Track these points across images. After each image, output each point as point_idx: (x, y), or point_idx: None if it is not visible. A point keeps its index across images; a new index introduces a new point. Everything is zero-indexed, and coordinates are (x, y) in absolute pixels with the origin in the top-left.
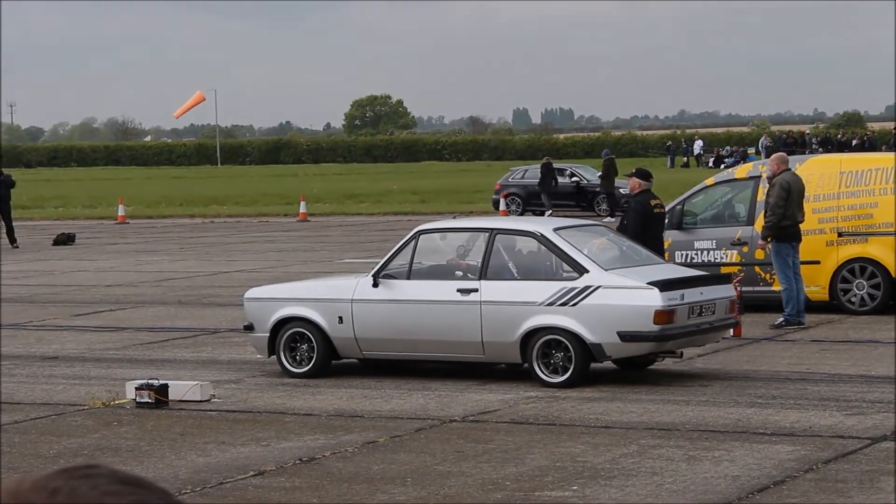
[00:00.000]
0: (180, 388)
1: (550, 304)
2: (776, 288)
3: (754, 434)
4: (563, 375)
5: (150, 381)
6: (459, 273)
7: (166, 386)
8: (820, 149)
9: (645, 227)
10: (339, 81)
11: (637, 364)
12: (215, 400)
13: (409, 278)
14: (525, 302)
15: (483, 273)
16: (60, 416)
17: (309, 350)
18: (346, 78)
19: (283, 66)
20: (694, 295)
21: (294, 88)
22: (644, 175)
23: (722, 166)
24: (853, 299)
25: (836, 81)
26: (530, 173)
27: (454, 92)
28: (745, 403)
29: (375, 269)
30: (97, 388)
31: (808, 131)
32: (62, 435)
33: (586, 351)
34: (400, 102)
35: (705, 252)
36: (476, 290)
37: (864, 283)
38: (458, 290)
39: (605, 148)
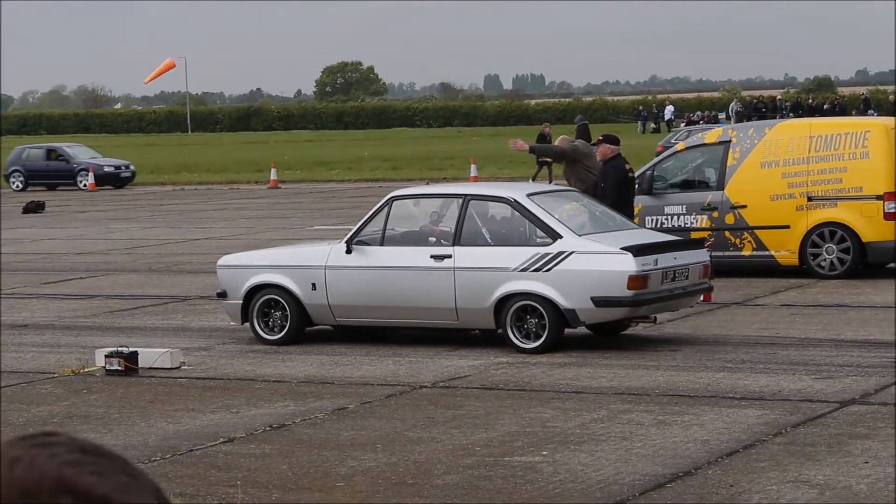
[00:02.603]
0: (150, 356)
1: (524, 270)
2: (745, 253)
3: (724, 398)
4: (536, 341)
5: (119, 349)
6: (433, 239)
7: (136, 353)
8: (791, 114)
9: (620, 191)
10: (310, 48)
11: (611, 329)
12: (185, 367)
13: (382, 245)
14: (499, 268)
15: (457, 239)
16: (30, 384)
17: (282, 317)
18: (317, 44)
19: (254, 32)
20: (667, 260)
21: (265, 55)
22: (614, 140)
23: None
24: (823, 263)
25: (806, 46)
26: None
27: (425, 58)
28: (714, 368)
29: (349, 235)
30: (67, 356)
31: (779, 96)
32: (31, 403)
33: (560, 316)
34: (371, 69)
35: (675, 217)
36: (450, 256)
37: (834, 247)
38: (432, 257)
39: (578, 114)
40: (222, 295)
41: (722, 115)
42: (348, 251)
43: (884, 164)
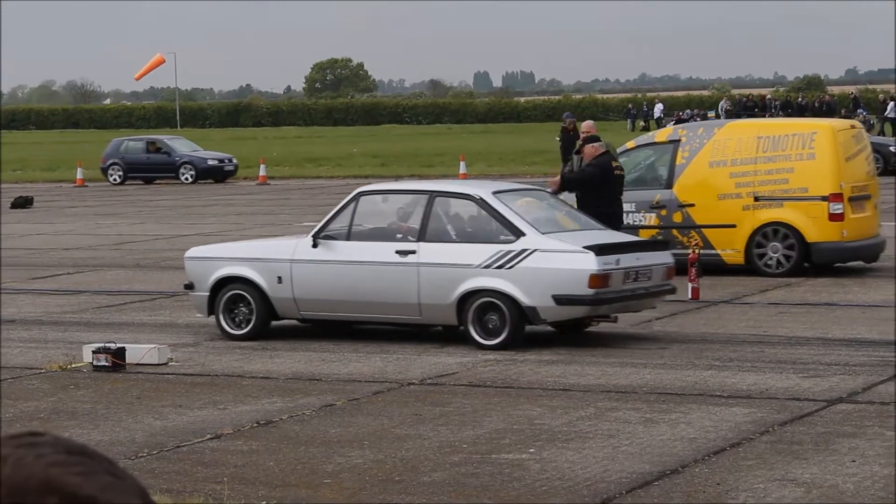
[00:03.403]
0: (138, 352)
1: (487, 267)
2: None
3: (711, 397)
4: (497, 338)
5: (107, 345)
6: (399, 235)
7: (123, 349)
8: (781, 112)
9: (607, 188)
10: (300, 45)
11: (573, 327)
12: (173, 363)
13: (348, 239)
14: (462, 264)
15: (422, 235)
16: (17, 380)
17: (248, 311)
18: (307, 41)
19: (244, 29)
20: (630, 260)
21: (254, 52)
22: (594, 139)
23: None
24: (769, 262)
25: (796, 45)
26: None
27: (415, 55)
28: (702, 366)
29: (315, 229)
30: (54, 351)
31: (768, 95)
32: (18, 398)
33: (521, 314)
34: (360, 66)
35: (625, 215)
36: (414, 252)
37: (779, 246)
38: (397, 252)
39: (566, 111)
40: (189, 287)
41: (711, 114)
42: (314, 245)
43: (829, 165)
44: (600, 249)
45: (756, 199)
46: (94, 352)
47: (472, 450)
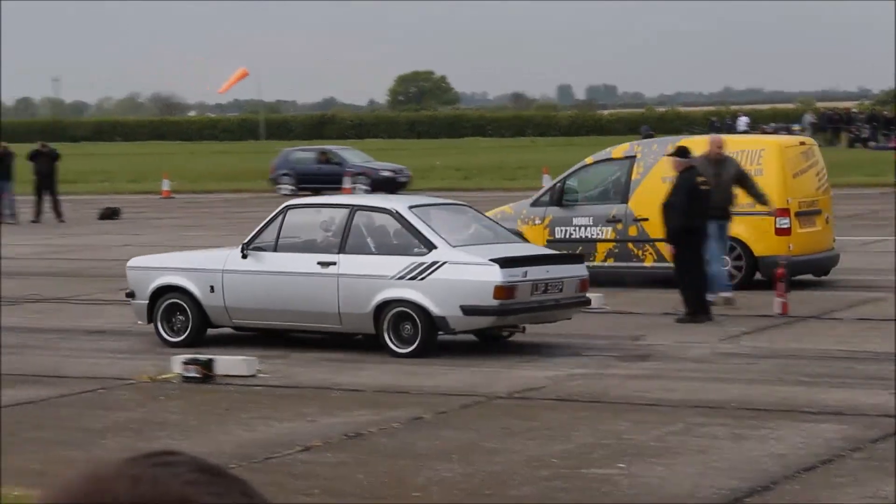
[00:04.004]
0: (226, 363)
1: (401, 278)
2: (647, 264)
3: (801, 413)
4: (411, 346)
5: (196, 356)
6: (321, 247)
7: (213, 361)
8: (866, 126)
9: (690, 204)
10: (383, 57)
11: (489, 337)
12: (261, 375)
13: (275, 251)
14: (378, 276)
15: (342, 247)
16: (107, 391)
17: (185, 318)
18: (390, 54)
19: (328, 42)
20: (539, 273)
21: (338, 64)
22: (682, 152)
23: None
24: None
25: (882, 58)
26: None
27: (498, 67)
28: (791, 382)
29: (245, 241)
30: (143, 362)
31: (853, 108)
32: (109, 409)
33: (432, 323)
34: (443, 78)
35: (583, 228)
36: (335, 264)
37: (728, 259)
38: (319, 263)
39: (645, 124)
40: (131, 295)
41: (796, 127)
42: (244, 256)
43: (777, 181)
44: (506, 262)
45: None
46: (183, 363)
47: (560, 464)
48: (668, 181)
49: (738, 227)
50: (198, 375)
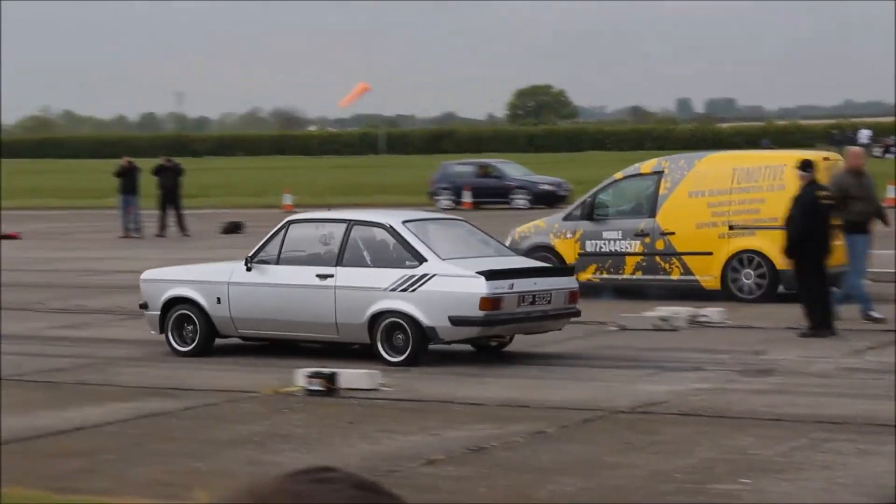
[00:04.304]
0: (350, 377)
1: (393, 290)
2: (674, 276)
3: None
4: (403, 355)
5: (320, 370)
6: (321, 260)
7: (336, 374)
8: None
9: (810, 219)
10: (501, 71)
11: (481, 347)
12: (384, 388)
13: (278, 263)
14: (372, 287)
15: (340, 260)
16: (233, 403)
17: (193, 329)
18: (508, 68)
19: (447, 56)
20: (526, 285)
21: (456, 78)
22: (806, 166)
23: (887, 156)
24: (742, 288)
25: None
26: None
27: (616, 81)
28: None
29: (250, 254)
30: (267, 375)
31: None
32: (234, 421)
33: (423, 333)
34: (561, 92)
35: (612, 242)
36: (332, 276)
37: (752, 272)
38: (317, 276)
39: (765, 138)
40: (144, 306)
41: None
42: (248, 269)
43: None
44: (492, 274)
45: (730, 227)
46: (307, 376)
47: (684, 479)
48: (694, 196)
49: (761, 241)
50: (321, 388)
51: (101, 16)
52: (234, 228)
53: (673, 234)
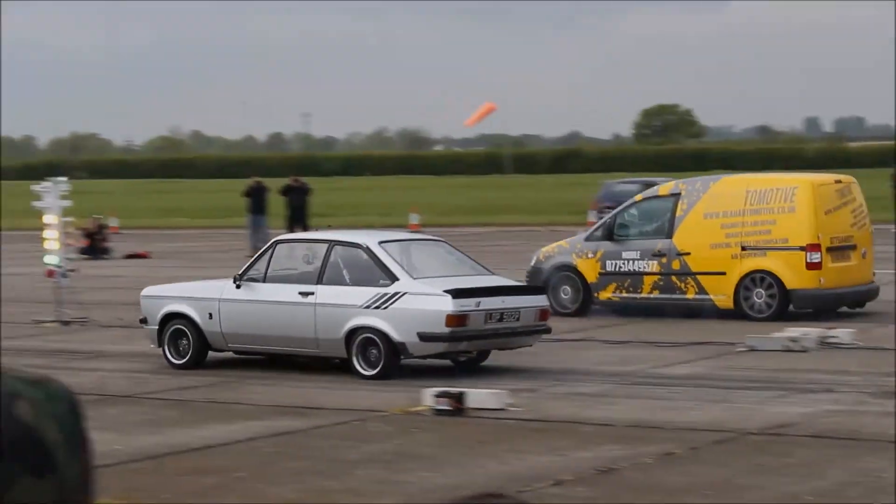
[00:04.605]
0: (478, 397)
1: (368, 307)
2: (689, 296)
3: None
4: (376, 369)
5: (447, 389)
6: (304, 278)
7: (464, 394)
8: None
9: None
10: (627, 91)
11: (455, 362)
12: (511, 409)
13: (265, 281)
14: (349, 304)
15: (320, 279)
16: (361, 422)
17: (188, 343)
18: (634, 87)
19: (571, 76)
20: (494, 303)
21: (582, 98)
22: None
23: None
24: (754, 307)
25: None
26: None
27: (743, 100)
28: None
29: (239, 272)
30: (395, 394)
31: None
32: (363, 440)
33: (393, 348)
34: (688, 112)
35: (631, 262)
36: (313, 294)
37: (763, 292)
38: (299, 293)
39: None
40: (144, 321)
41: None
42: (237, 286)
43: (808, 217)
44: (459, 293)
45: (743, 248)
46: (435, 396)
47: (815, 501)
48: (708, 217)
49: (772, 262)
50: (449, 408)
51: (229, 38)
52: None
53: (688, 254)
